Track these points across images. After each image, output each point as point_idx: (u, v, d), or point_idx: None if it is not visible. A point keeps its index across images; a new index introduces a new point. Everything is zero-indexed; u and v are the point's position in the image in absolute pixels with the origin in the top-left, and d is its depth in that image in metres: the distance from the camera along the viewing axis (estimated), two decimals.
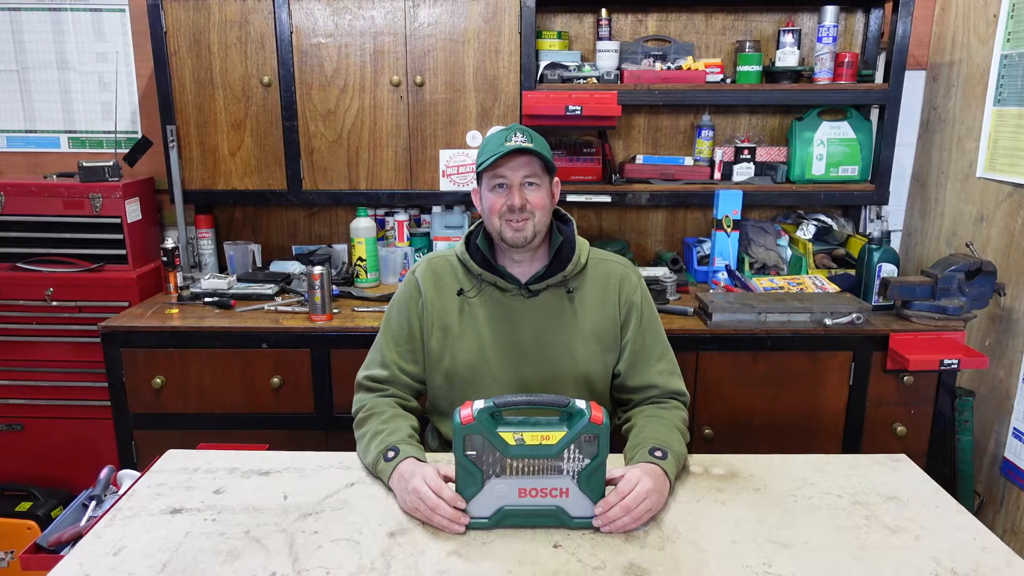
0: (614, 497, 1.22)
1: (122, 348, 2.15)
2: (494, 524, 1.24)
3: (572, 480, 1.22)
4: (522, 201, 1.48)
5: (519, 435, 1.21)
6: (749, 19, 2.64)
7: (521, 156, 1.48)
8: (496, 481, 1.23)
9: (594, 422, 1.19)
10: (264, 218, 2.77)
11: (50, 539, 1.38)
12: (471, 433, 1.21)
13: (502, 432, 1.21)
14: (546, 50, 2.53)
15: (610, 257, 1.64)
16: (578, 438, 1.20)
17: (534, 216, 1.50)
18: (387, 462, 1.35)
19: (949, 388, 2.17)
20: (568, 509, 1.23)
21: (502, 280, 1.55)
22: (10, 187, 2.38)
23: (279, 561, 1.14)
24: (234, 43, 2.38)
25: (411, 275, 1.62)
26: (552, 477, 1.22)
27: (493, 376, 1.54)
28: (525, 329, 1.55)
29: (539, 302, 1.56)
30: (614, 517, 1.21)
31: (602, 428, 1.20)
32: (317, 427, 2.21)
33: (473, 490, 1.23)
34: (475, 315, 1.56)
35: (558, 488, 1.23)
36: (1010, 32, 2.24)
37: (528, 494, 1.23)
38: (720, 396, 2.17)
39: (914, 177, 2.77)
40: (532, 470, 1.22)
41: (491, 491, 1.23)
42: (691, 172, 2.59)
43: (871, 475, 1.42)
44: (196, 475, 1.40)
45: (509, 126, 1.52)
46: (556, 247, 1.57)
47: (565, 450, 1.20)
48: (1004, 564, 1.16)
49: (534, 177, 1.50)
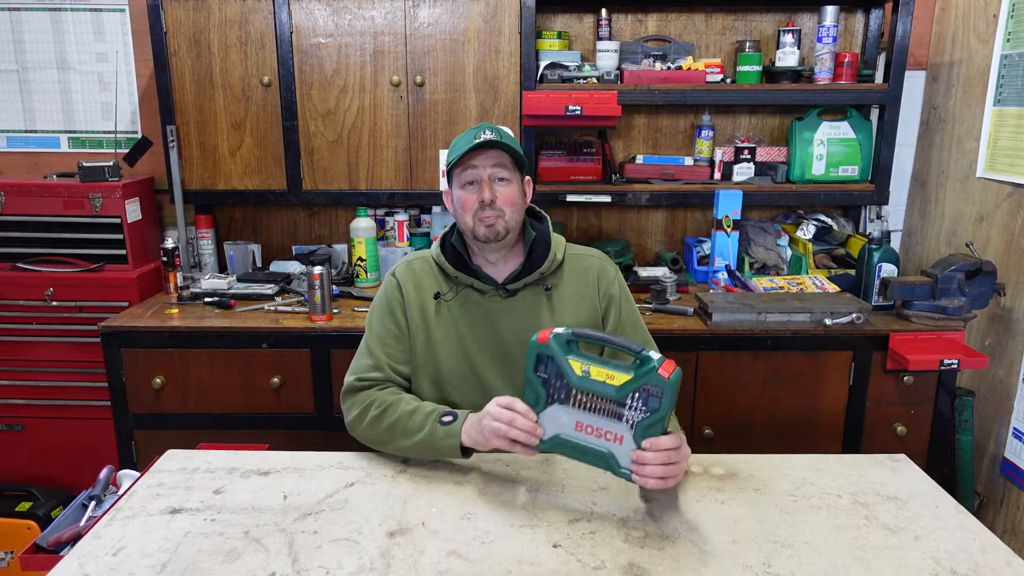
0: (650, 444, 1.21)
1: (122, 348, 2.15)
2: (547, 449, 1.27)
3: (629, 429, 1.22)
4: (492, 195, 1.47)
5: (587, 367, 1.22)
6: (749, 19, 2.64)
7: (490, 150, 1.48)
8: (558, 408, 1.25)
9: (661, 374, 1.18)
10: (264, 218, 2.77)
11: (50, 539, 1.38)
12: (544, 353, 1.24)
13: (572, 360, 1.23)
14: (546, 50, 2.53)
15: (586, 251, 1.64)
16: (642, 387, 1.19)
17: (504, 213, 1.49)
18: (447, 425, 1.36)
19: (949, 388, 2.17)
20: (618, 456, 1.23)
21: (479, 281, 1.54)
22: (10, 187, 2.39)
23: (279, 561, 1.14)
24: (234, 43, 2.38)
25: (391, 276, 1.60)
26: (611, 421, 1.22)
27: (479, 380, 1.53)
28: (506, 330, 1.54)
29: (517, 302, 1.55)
30: (650, 461, 1.20)
31: (667, 383, 1.18)
32: (317, 427, 2.21)
33: (536, 410, 1.27)
34: (454, 318, 1.55)
35: (613, 433, 1.23)
36: (1010, 32, 2.24)
37: (584, 430, 1.25)
38: (720, 396, 2.17)
39: (914, 177, 2.77)
40: (594, 408, 1.23)
41: (552, 415, 1.26)
42: (691, 172, 2.59)
43: (871, 475, 1.42)
44: (196, 475, 1.40)
45: (478, 125, 1.52)
46: (530, 245, 1.56)
47: (628, 397, 1.20)
48: (1004, 564, 1.16)
49: (503, 171, 1.49)
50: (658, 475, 1.20)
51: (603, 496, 1.33)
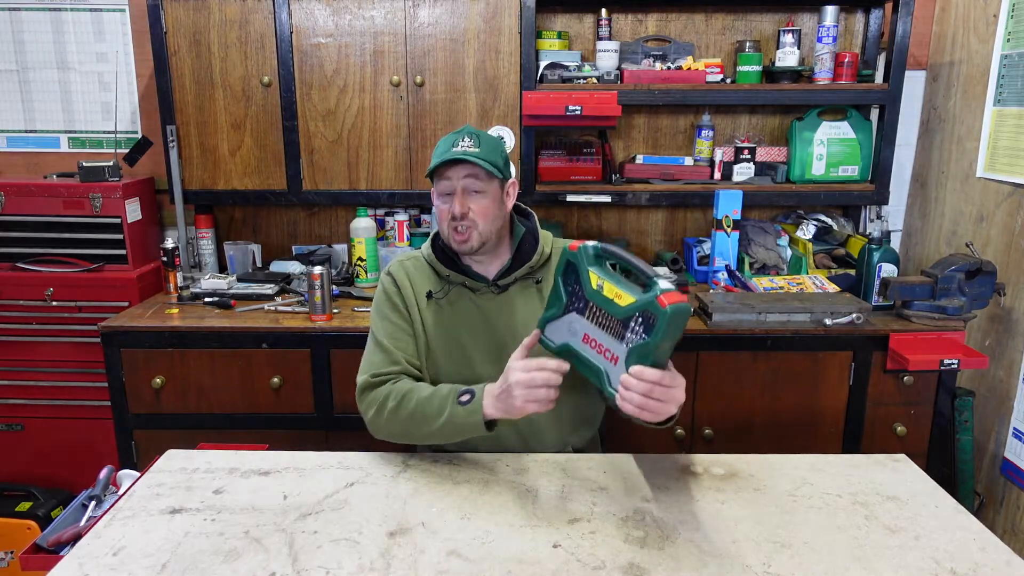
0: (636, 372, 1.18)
1: (122, 348, 2.15)
2: (556, 353, 1.32)
3: (625, 350, 1.21)
4: (463, 209, 1.46)
5: (601, 283, 1.24)
6: (749, 19, 2.64)
7: (463, 163, 1.47)
8: (574, 317, 1.28)
9: (658, 303, 1.14)
10: (264, 218, 2.77)
11: (50, 539, 1.38)
12: (571, 260, 1.28)
13: (592, 272, 1.25)
14: (546, 50, 2.53)
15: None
16: (643, 312, 1.17)
17: (477, 225, 1.48)
18: (465, 405, 1.36)
19: (949, 388, 2.17)
20: (611, 376, 1.24)
21: (470, 279, 1.55)
22: (10, 187, 2.39)
23: (279, 561, 1.14)
24: (234, 43, 2.38)
25: (386, 275, 1.60)
26: (613, 340, 1.23)
27: (477, 376, 1.52)
28: (500, 325, 1.54)
29: (509, 298, 1.55)
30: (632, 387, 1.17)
31: (663, 313, 1.13)
32: (317, 427, 2.21)
33: (555, 312, 1.32)
34: (448, 316, 1.55)
35: (611, 351, 1.23)
36: (1010, 32, 2.23)
37: (589, 343, 1.26)
38: (720, 396, 2.17)
39: (914, 177, 2.77)
40: (603, 324, 1.24)
41: (566, 322, 1.30)
42: (691, 172, 2.59)
43: (871, 475, 1.42)
44: (196, 475, 1.40)
45: (460, 129, 1.51)
46: (518, 241, 1.56)
47: (631, 319, 1.19)
48: (1004, 564, 1.16)
49: (477, 182, 1.48)
50: (636, 403, 1.18)
51: (603, 496, 1.33)
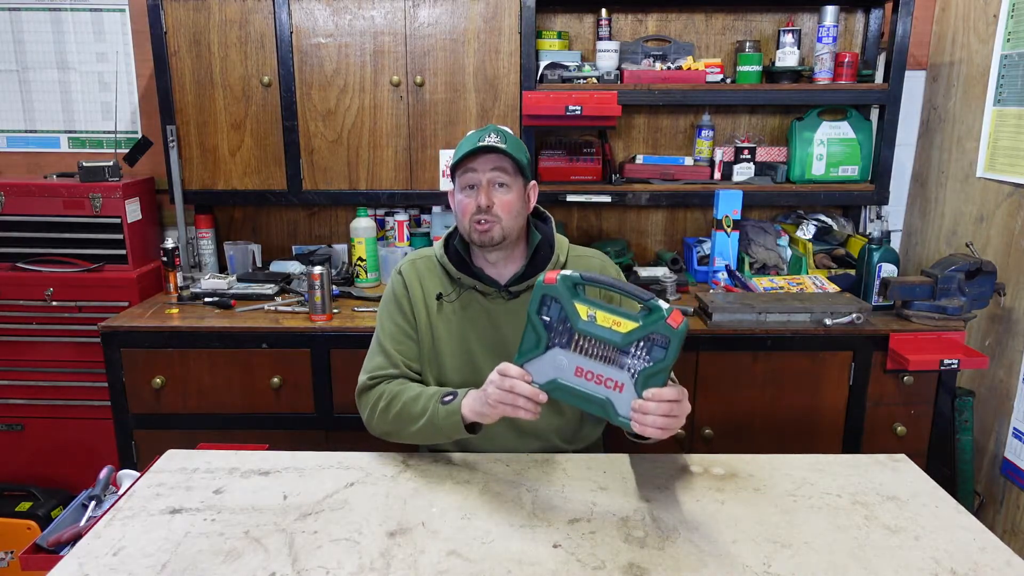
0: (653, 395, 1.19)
1: (122, 348, 2.15)
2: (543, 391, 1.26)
3: (630, 377, 1.20)
4: (489, 201, 1.46)
5: (593, 312, 1.20)
6: (749, 19, 2.64)
7: (491, 154, 1.47)
8: (559, 352, 1.23)
9: (670, 324, 1.15)
10: (264, 218, 2.77)
11: (50, 539, 1.38)
12: (549, 294, 1.22)
13: (578, 304, 1.21)
14: (546, 50, 2.53)
15: (587, 252, 1.64)
16: (648, 336, 1.17)
17: (501, 220, 1.48)
18: (447, 405, 1.37)
19: (949, 388, 2.17)
20: (617, 404, 1.22)
21: (481, 284, 1.54)
22: (10, 187, 2.39)
23: (279, 561, 1.14)
24: (234, 43, 2.38)
25: (396, 274, 1.60)
26: (612, 368, 1.21)
27: (482, 381, 1.52)
28: (509, 332, 1.53)
29: (520, 304, 1.54)
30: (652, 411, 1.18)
31: (676, 333, 1.15)
32: (317, 427, 2.21)
33: (535, 353, 1.25)
34: (457, 319, 1.55)
35: (614, 380, 1.21)
36: (1010, 32, 2.24)
37: (584, 375, 1.23)
38: (720, 396, 2.17)
39: (914, 177, 2.77)
40: (595, 354, 1.21)
41: (551, 359, 1.24)
42: (691, 172, 2.59)
43: (871, 475, 1.42)
44: (196, 475, 1.40)
45: (486, 127, 1.51)
46: (534, 247, 1.56)
47: (632, 345, 1.18)
48: (1004, 564, 1.16)
49: (503, 175, 1.48)
50: (659, 425, 1.19)
51: (603, 496, 1.33)
